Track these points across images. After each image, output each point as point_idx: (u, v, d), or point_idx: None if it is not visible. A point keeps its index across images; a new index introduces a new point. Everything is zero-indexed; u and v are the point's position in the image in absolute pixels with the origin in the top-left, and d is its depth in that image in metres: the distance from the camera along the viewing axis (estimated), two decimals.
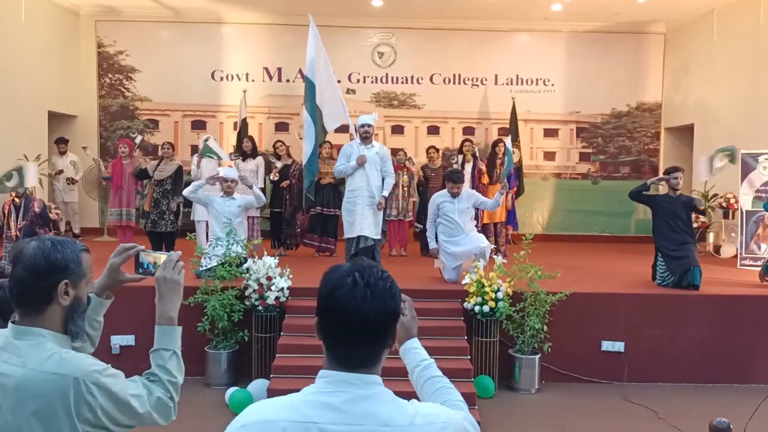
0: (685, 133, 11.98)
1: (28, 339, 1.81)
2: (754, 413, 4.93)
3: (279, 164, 9.45)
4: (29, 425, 1.74)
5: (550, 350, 6.46)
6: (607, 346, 6.81)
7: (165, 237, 8.83)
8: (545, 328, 6.42)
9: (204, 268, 6.90)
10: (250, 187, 7.81)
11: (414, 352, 1.85)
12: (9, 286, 1.86)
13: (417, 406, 1.51)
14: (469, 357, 6.17)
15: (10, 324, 1.86)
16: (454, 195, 7.36)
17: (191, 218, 9.46)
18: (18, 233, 6.81)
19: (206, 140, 9.14)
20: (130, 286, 2.23)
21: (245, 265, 6.73)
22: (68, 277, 1.86)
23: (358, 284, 1.46)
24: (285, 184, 9.40)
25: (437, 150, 10.44)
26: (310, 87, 7.52)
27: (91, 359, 1.84)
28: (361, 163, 7.33)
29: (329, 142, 9.46)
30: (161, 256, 2.09)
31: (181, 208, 9.12)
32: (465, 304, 6.52)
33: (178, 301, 2.03)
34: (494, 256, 7.08)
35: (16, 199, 6.84)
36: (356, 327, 1.46)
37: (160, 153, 9.21)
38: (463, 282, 6.62)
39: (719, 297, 7.02)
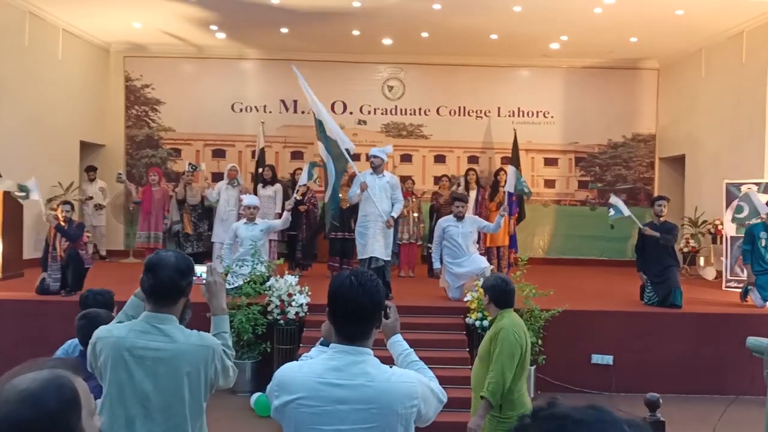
0: (678, 163, 12.66)
1: (168, 323, 2.51)
2: (721, 416, 5.57)
3: (298, 192, 10.09)
4: (181, 383, 2.46)
5: (544, 362, 7.05)
6: (596, 359, 7.44)
7: (200, 257, 9.47)
8: (540, 341, 7.01)
9: (231, 286, 7.57)
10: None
11: (398, 344, 2.47)
12: (151, 285, 2.50)
13: (395, 369, 2.21)
14: (469, 367, 6.80)
15: (145, 313, 2.54)
16: (459, 217, 8.04)
17: (211, 240, 10.14)
18: (63, 254, 7.51)
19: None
20: None
21: (268, 283, 7.42)
22: (193, 277, 2.60)
23: (353, 283, 2.15)
24: (303, 208, 10.04)
25: (449, 179, 11.16)
26: (319, 124, 8.17)
27: (210, 335, 2.56)
28: (363, 189, 7.80)
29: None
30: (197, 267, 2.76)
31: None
32: (467, 319, 7.17)
33: (224, 296, 2.76)
34: None
35: (62, 223, 7.55)
36: (353, 312, 2.14)
37: (182, 180, 9.90)
38: (466, 299, 7.28)
39: (700, 315, 7.66)
